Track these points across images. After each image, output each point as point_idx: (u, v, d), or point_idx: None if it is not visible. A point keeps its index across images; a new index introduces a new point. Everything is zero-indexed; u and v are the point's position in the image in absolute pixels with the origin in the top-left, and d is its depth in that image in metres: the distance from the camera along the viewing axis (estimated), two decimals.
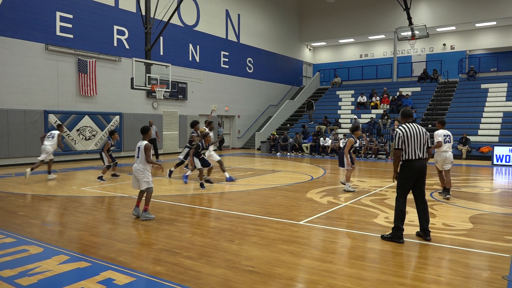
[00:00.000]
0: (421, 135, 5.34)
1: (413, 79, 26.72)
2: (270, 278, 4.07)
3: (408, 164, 5.31)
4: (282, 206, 7.66)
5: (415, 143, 5.29)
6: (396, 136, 5.35)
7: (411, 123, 5.45)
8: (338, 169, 14.40)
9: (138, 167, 6.53)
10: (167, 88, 14.49)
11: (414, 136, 5.30)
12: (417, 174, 5.29)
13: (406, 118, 5.56)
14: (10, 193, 8.99)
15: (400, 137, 5.32)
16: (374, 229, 5.94)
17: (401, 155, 5.34)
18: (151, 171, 6.73)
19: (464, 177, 12.35)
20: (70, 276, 4.13)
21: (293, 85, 30.42)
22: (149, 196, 6.64)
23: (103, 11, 16.94)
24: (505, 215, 7.02)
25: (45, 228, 6.04)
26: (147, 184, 6.56)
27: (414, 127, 5.37)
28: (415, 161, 5.29)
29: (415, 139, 5.30)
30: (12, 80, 14.15)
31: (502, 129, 18.70)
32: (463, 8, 24.02)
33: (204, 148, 9.77)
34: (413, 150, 5.28)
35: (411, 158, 5.28)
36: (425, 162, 5.40)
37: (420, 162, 5.31)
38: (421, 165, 5.31)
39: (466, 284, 3.96)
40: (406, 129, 5.34)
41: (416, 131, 5.32)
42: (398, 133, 5.34)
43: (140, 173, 6.51)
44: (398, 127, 5.51)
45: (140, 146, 6.54)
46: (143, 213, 6.56)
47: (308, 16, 30.10)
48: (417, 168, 5.28)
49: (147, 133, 6.67)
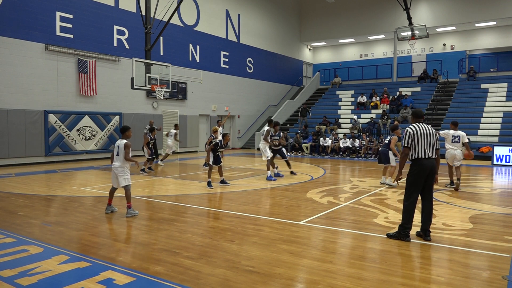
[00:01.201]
0: (431, 135, 5.38)
1: (413, 79, 26.71)
2: (270, 278, 4.07)
3: (417, 163, 5.33)
4: (282, 206, 7.66)
5: (425, 143, 5.33)
6: (407, 134, 5.39)
7: (422, 123, 5.50)
8: (338, 169, 14.41)
9: (118, 164, 6.78)
10: (167, 88, 14.50)
11: (424, 136, 5.34)
12: (426, 173, 5.30)
13: (417, 118, 5.61)
14: (10, 193, 8.99)
15: (411, 135, 5.36)
16: (374, 229, 5.94)
17: (411, 154, 5.37)
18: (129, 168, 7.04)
19: (464, 177, 12.34)
20: (70, 276, 4.13)
21: (293, 85, 30.42)
22: (129, 193, 6.85)
23: (103, 11, 16.94)
24: (505, 215, 7.02)
25: (45, 228, 6.04)
26: (126, 181, 6.81)
27: (424, 127, 5.42)
28: (424, 159, 5.31)
29: (425, 138, 5.34)
30: (12, 80, 14.15)
31: (502, 129, 18.70)
32: (463, 8, 24.02)
33: (222, 147, 10.07)
34: (423, 149, 5.32)
35: (420, 157, 5.31)
36: (434, 162, 5.39)
37: (430, 161, 5.33)
38: (430, 164, 5.32)
39: (466, 284, 3.96)
40: (416, 128, 5.39)
41: (426, 131, 5.37)
42: (409, 131, 5.38)
43: (120, 171, 6.78)
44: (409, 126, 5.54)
45: (120, 145, 6.78)
46: (128, 210, 6.78)
47: (308, 16, 30.09)
48: (426, 166, 5.29)
49: (126, 132, 6.96)
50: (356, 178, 11.84)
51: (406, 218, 5.33)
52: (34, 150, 14.76)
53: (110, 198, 7.09)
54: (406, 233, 5.32)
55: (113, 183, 7.00)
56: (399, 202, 7.95)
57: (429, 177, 5.33)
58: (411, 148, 5.36)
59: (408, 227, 5.33)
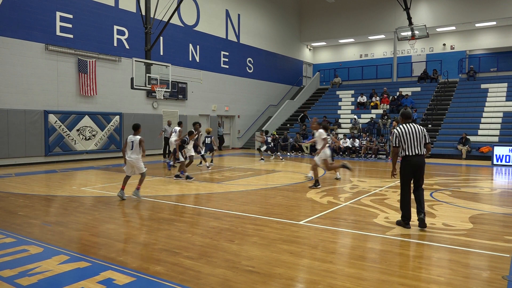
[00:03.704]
0: (417, 133, 5.89)
1: (413, 79, 26.71)
2: (270, 278, 4.07)
3: (406, 159, 5.92)
4: (282, 206, 7.66)
5: (412, 141, 5.86)
6: (394, 135, 5.98)
7: (409, 124, 6.01)
8: (337, 169, 14.39)
9: (134, 156, 8.06)
10: (167, 88, 14.49)
11: (411, 135, 5.87)
12: (414, 168, 5.87)
13: (405, 119, 6.12)
14: (10, 193, 8.99)
15: (397, 136, 5.94)
16: (374, 229, 5.95)
17: (400, 152, 5.98)
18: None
19: (464, 177, 12.36)
20: (70, 276, 4.13)
21: (293, 85, 30.42)
22: (143, 178, 8.29)
23: (103, 11, 16.94)
24: (505, 215, 7.02)
25: (45, 228, 6.03)
26: (142, 169, 8.23)
27: (411, 127, 5.93)
28: (411, 156, 5.87)
29: (411, 137, 5.86)
30: (12, 80, 14.15)
31: (502, 129, 18.69)
32: (463, 8, 24.02)
33: (187, 143, 11.31)
34: (410, 147, 5.86)
35: (408, 154, 5.88)
36: (423, 158, 5.93)
37: (417, 158, 5.87)
38: (417, 161, 5.87)
39: (466, 284, 3.96)
40: (403, 129, 5.93)
41: (412, 130, 5.89)
42: (395, 132, 5.96)
43: (137, 162, 8.10)
44: (396, 127, 6.11)
45: (134, 141, 8.04)
46: (135, 191, 8.16)
47: (308, 16, 30.09)
48: (413, 163, 5.86)
49: (139, 129, 8.23)
50: (356, 178, 11.84)
51: (402, 208, 6.00)
52: (34, 150, 14.76)
53: (123, 184, 8.28)
54: (406, 222, 5.96)
55: (128, 172, 8.25)
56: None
57: (417, 171, 5.90)
58: (400, 147, 5.94)
59: (406, 217, 5.95)
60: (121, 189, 8.23)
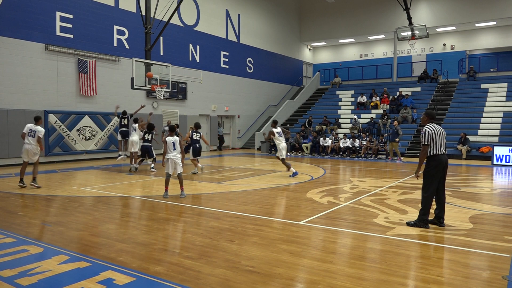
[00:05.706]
0: (442, 133, 6.06)
1: (413, 79, 26.70)
2: (270, 278, 4.07)
3: (435, 158, 5.97)
4: (282, 206, 7.66)
5: (440, 140, 5.99)
6: (426, 133, 5.98)
7: (435, 124, 6.13)
8: (338, 169, 14.40)
9: (176, 155, 8.44)
10: (167, 88, 14.49)
11: (439, 134, 5.99)
12: (444, 166, 5.99)
13: (431, 119, 6.21)
14: (10, 193, 8.99)
15: (430, 134, 5.96)
16: (374, 229, 5.94)
17: (429, 150, 5.97)
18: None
19: (464, 177, 12.35)
20: (70, 276, 4.13)
21: (293, 85, 30.42)
22: (182, 178, 8.71)
23: (103, 11, 16.94)
24: (505, 215, 7.02)
25: (45, 228, 6.04)
26: (182, 168, 8.68)
27: (438, 127, 6.06)
28: (441, 155, 5.98)
29: (440, 137, 5.99)
30: (12, 80, 14.15)
31: (502, 129, 18.69)
32: (463, 8, 24.02)
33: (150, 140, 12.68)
34: (439, 146, 5.97)
35: (438, 153, 5.95)
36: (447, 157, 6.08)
37: (446, 156, 6.04)
38: (446, 159, 6.05)
39: (466, 284, 3.96)
40: (433, 128, 6.01)
41: (440, 130, 6.04)
42: (428, 131, 5.97)
43: (179, 160, 8.50)
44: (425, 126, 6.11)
45: (175, 141, 8.49)
46: (182, 193, 8.52)
47: (308, 16, 30.09)
48: (444, 161, 5.98)
49: (174, 130, 8.75)
50: (356, 178, 11.84)
51: (425, 208, 5.95)
52: None
53: (166, 186, 8.52)
54: (425, 221, 5.96)
55: (169, 171, 8.46)
56: (399, 202, 7.96)
57: (445, 170, 6.01)
58: (429, 146, 5.96)
59: (427, 217, 5.95)
60: (165, 190, 8.51)
